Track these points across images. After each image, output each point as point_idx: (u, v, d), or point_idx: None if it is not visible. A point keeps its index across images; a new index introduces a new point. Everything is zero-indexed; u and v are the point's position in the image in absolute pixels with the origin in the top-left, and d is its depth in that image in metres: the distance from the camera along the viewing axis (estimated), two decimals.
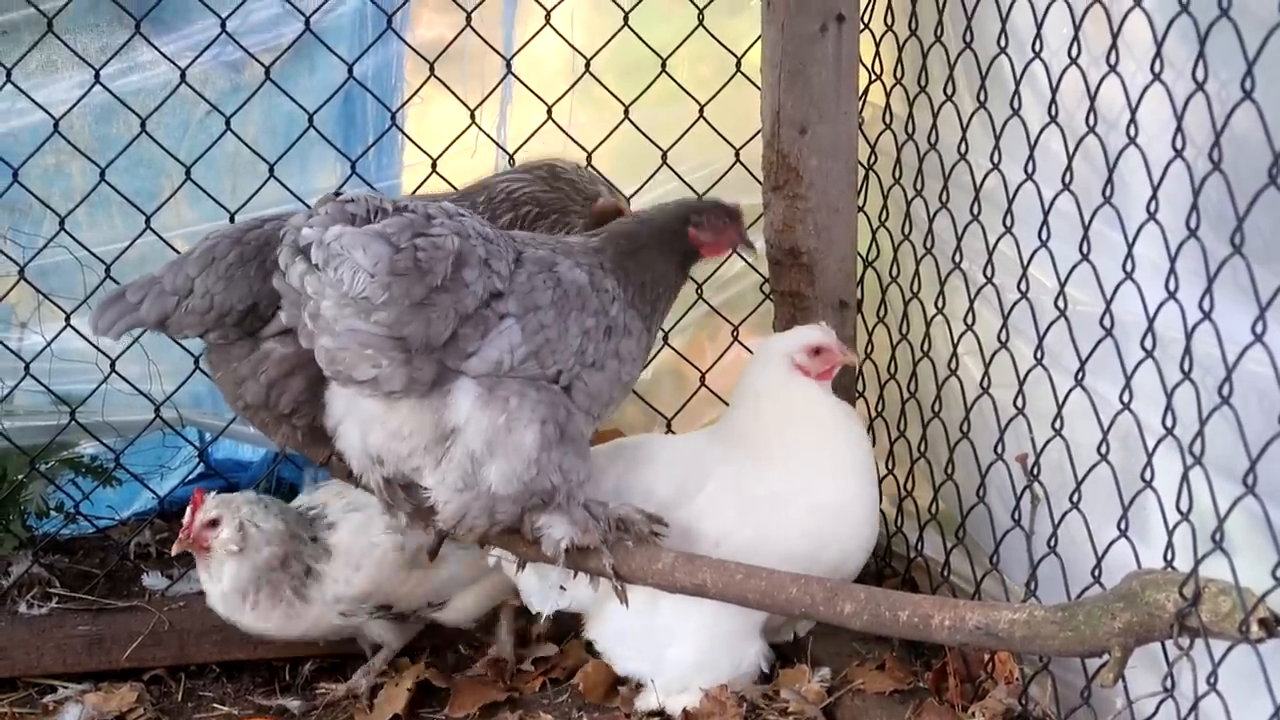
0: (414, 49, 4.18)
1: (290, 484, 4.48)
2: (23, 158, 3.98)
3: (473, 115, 4.13)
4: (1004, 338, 3.42)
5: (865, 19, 4.03)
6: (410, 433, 2.98)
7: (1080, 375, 3.05)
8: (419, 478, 3.05)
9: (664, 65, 4.15)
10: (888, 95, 4.08)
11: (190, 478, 4.50)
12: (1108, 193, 2.90)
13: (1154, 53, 2.66)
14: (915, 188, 3.91)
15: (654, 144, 4.16)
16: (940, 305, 3.79)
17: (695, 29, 4.14)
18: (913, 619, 2.75)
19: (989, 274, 3.47)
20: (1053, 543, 3.23)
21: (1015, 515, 3.39)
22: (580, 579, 3.29)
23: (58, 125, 3.95)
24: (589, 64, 4.13)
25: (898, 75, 4.01)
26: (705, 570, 3.06)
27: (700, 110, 4.18)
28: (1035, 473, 3.29)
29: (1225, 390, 2.41)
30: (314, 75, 4.18)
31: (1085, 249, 3.00)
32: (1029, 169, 3.21)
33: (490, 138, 4.25)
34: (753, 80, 4.05)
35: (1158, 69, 2.66)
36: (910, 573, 4.08)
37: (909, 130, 3.93)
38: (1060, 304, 3.11)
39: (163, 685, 3.95)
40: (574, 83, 4.19)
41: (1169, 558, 2.73)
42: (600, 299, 3.11)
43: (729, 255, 3.44)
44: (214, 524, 3.58)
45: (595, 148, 4.16)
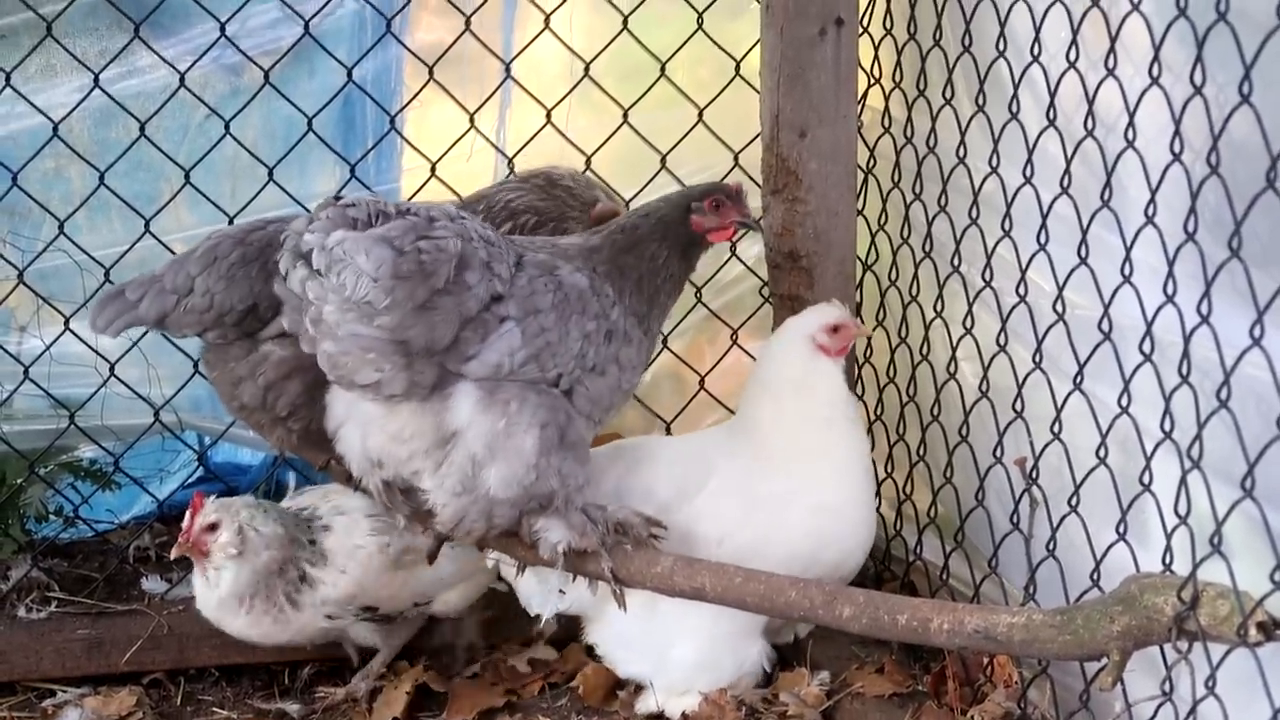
0: (413, 53, 4.18)
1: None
2: (22, 162, 3.97)
3: (472, 119, 4.12)
4: (1003, 341, 3.42)
5: (864, 23, 4.04)
6: (410, 436, 2.98)
7: (1079, 379, 3.05)
8: (418, 481, 3.05)
9: (663, 69, 4.15)
10: (887, 99, 4.08)
11: (189, 481, 4.48)
12: (1106, 196, 2.90)
13: (1152, 57, 2.66)
14: (914, 191, 3.91)
15: (653, 148, 4.16)
16: (939, 309, 3.79)
17: (694, 33, 4.13)
18: (911, 622, 2.75)
19: (988, 278, 3.47)
20: (1051, 546, 3.23)
21: (1014, 519, 3.39)
22: (579, 582, 3.29)
23: (57, 129, 3.95)
24: (588, 68, 4.13)
25: (897, 79, 4.01)
26: (704, 574, 3.06)
27: (699, 114, 4.18)
28: (1034, 476, 3.30)
29: (1223, 394, 2.41)
30: (313, 79, 4.18)
31: (1084, 253, 3.00)
32: (1027, 173, 3.21)
33: (489, 141, 4.25)
34: (752, 84, 4.05)
35: (1156, 73, 2.66)
36: (909, 576, 4.08)
37: (908, 134, 3.93)
38: (1059, 308, 3.11)
39: (162, 689, 3.94)
40: (573, 86, 4.18)
41: (1167, 561, 2.73)
42: (601, 303, 3.11)
43: (737, 235, 3.41)
44: (213, 528, 3.58)
45: (594, 151, 4.15)
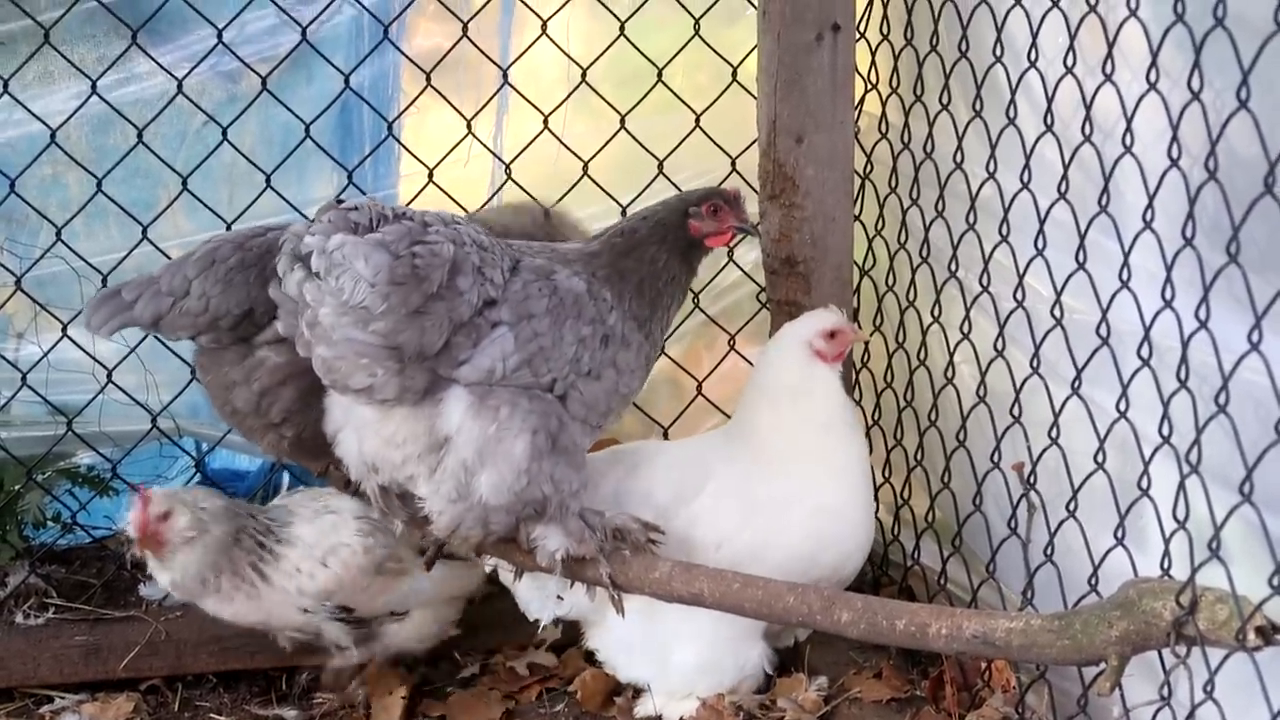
0: (410, 59, 4.19)
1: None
2: (20, 168, 3.97)
3: (469, 125, 4.13)
4: (1000, 346, 3.42)
5: (861, 28, 4.05)
6: (404, 440, 2.98)
7: (1076, 384, 3.06)
8: (413, 486, 3.05)
9: (660, 75, 4.15)
10: (884, 104, 4.09)
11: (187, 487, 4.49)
12: (1103, 202, 2.90)
13: (1149, 62, 2.66)
14: (911, 197, 3.92)
15: (650, 153, 4.16)
16: (936, 314, 3.79)
17: (691, 38, 4.13)
18: (910, 627, 2.75)
19: (985, 283, 3.47)
20: (1049, 551, 3.23)
21: (1012, 524, 3.39)
22: (577, 588, 3.29)
23: (55, 136, 3.94)
24: (585, 73, 4.13)
25: (894, 84, 4.01)
26: (702, 579, 3.06)
27: (696, 119, 4.18)
28: (1032, 481, 3.30)
29: (1221, 399, 2.41)
30: (311, 85, 4.18)
31: (1081, 258, 3.00)
32: (1025, 178, 3.21)
33: (487, 147, 4.25)
34: (749, 90, 4.06)
35: (1153, 78, 2.66)
36: (907, 581, 4.08)
37: (905, 139, 3.93)
38: (1056, 313, 3.11)
39: (159, 695, 3.94)
40: (570, 92, 4.19)
41: (1166, 566, 2.73)
42: (598, 307, 3.11)
43: (735, 240, 3.41)
44: (166, 516, 3.58)
45: (592, 157, 4.16)
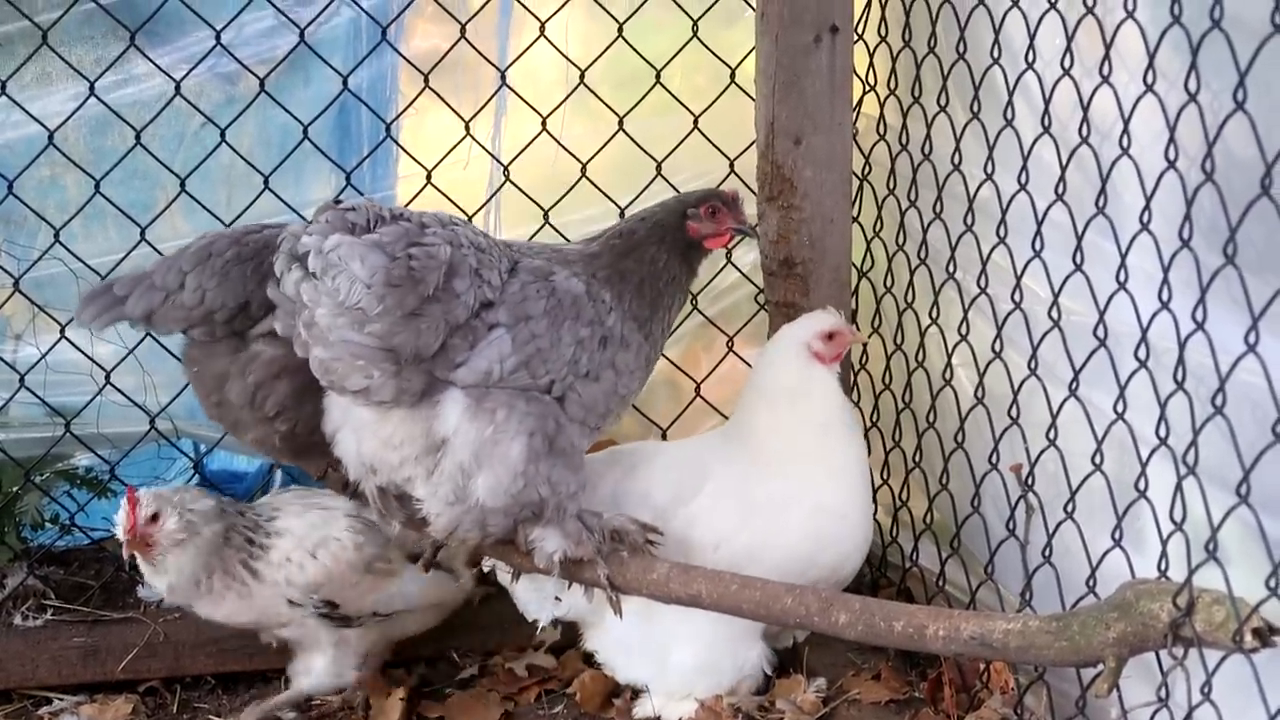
0: (408, 60, 4.18)
1: None
2: (18, 170, 3.96)
3: (467, 126, 4.12)
4: (998, 348, 3.42)
5: (859, 30, 4.05)
6: (401, 442, 2.98)
7: (1074, 385, 3.06)
8: (411, 488, 3.05)
9: (658, 76, 4.15)
10: (882, 106, 4.08)
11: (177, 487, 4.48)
12: (1101, 203, 2.90)
13: (1147, 64, 2.66)
14: (909, 198, 3.92)
15: (648, 155, 4.16)
16: (934, 315, 3.79)
17: (690, 40, 4.13)
18: (908, 629, 2.75)
19: (983, 284, 3.48)
20: (1047, 552, 3.23)
21: (1010, 525, 3.39)
22: (575, 589, 3.29)
23: (52, 137, 3.94)
24: (583, 75, 4.13)
25: (891, 86, 4.01)
26: (700, 580, 3.06)
27: (695, 121, 4.18)
28: (1030, 482, 3.30)
29: (1219, 400, 2.41)
30: (309, 87, 4.18)
31: (1079, 259, 3.00)
32: (1022, 179, 3.21)
33: (485, 149, 4.25)
34: (747, 91, 4.06)
35: (1150, 80, 2.66)
36: (905, 583, 4.08)
37: (903, 141, 3.93)
38: (1054, 314, 3.11)
39: (158, 697, 3.94)
40: (568, 94, 4.19)
41: (1163, 567, 2.73)
42: (596, 309, 3.11)
43: (733, 241, 3.42)
44: (155, 518, 3.58)
45: (590, 159, 4.16)
